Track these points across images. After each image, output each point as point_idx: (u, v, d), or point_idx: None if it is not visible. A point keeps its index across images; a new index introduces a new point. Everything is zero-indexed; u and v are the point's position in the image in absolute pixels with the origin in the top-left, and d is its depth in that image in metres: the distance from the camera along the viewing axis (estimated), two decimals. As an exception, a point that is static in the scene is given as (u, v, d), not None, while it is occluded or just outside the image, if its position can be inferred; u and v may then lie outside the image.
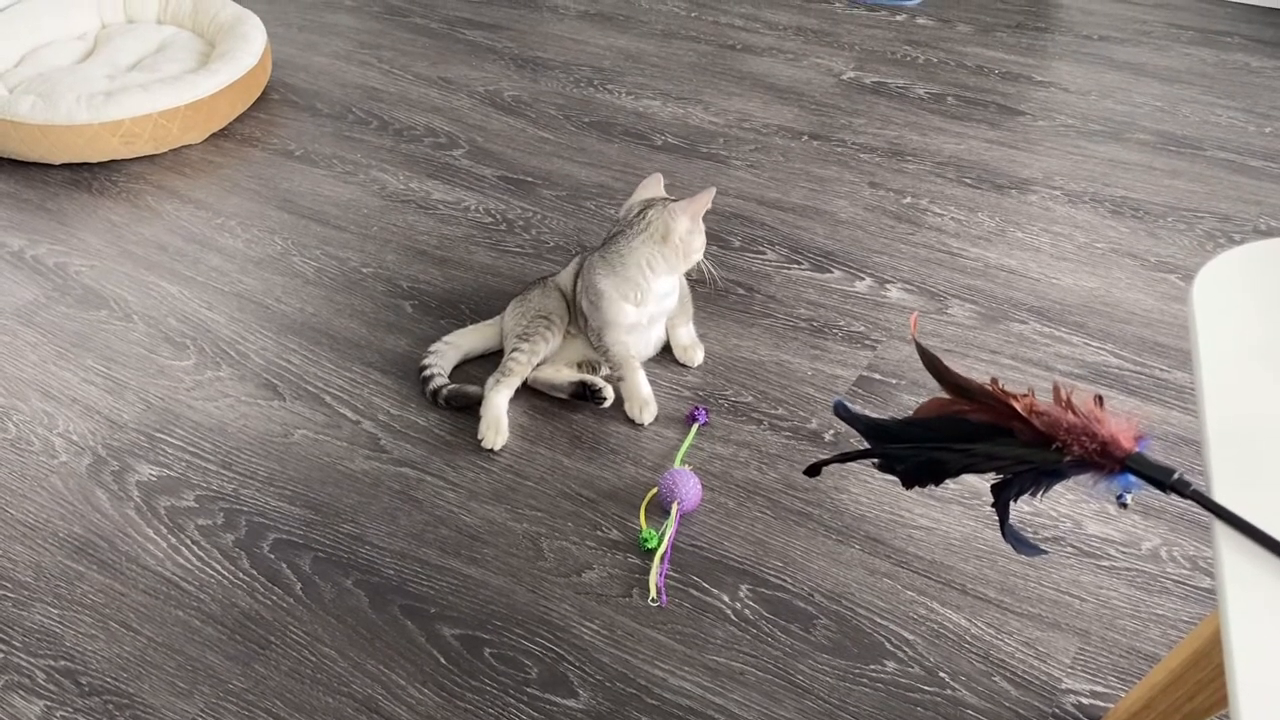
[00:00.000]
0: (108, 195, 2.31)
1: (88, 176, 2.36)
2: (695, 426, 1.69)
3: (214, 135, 2.49)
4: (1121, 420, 0.82)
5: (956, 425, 0.90)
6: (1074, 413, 0.82)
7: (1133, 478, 0.82)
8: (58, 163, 2.37)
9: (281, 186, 2.32)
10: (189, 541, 1.53)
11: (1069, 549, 1.49)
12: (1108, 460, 0.81)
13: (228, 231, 2.18)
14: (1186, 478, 0.77)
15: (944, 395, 0.93)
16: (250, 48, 2.56)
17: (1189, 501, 1.55)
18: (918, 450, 0.93)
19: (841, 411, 0.99)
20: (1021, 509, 1.54)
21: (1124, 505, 1.11)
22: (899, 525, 1.53)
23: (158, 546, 1.53)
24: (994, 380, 0.88)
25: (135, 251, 2.13)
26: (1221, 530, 0.70)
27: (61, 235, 2.18)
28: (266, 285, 2.03)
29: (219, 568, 1.49)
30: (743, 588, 1.45)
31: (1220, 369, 0.82)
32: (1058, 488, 1.57)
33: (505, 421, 1.68)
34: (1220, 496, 0.72)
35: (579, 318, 1.77)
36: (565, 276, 1.82)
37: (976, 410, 0.89)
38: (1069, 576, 1.45)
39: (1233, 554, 0.68)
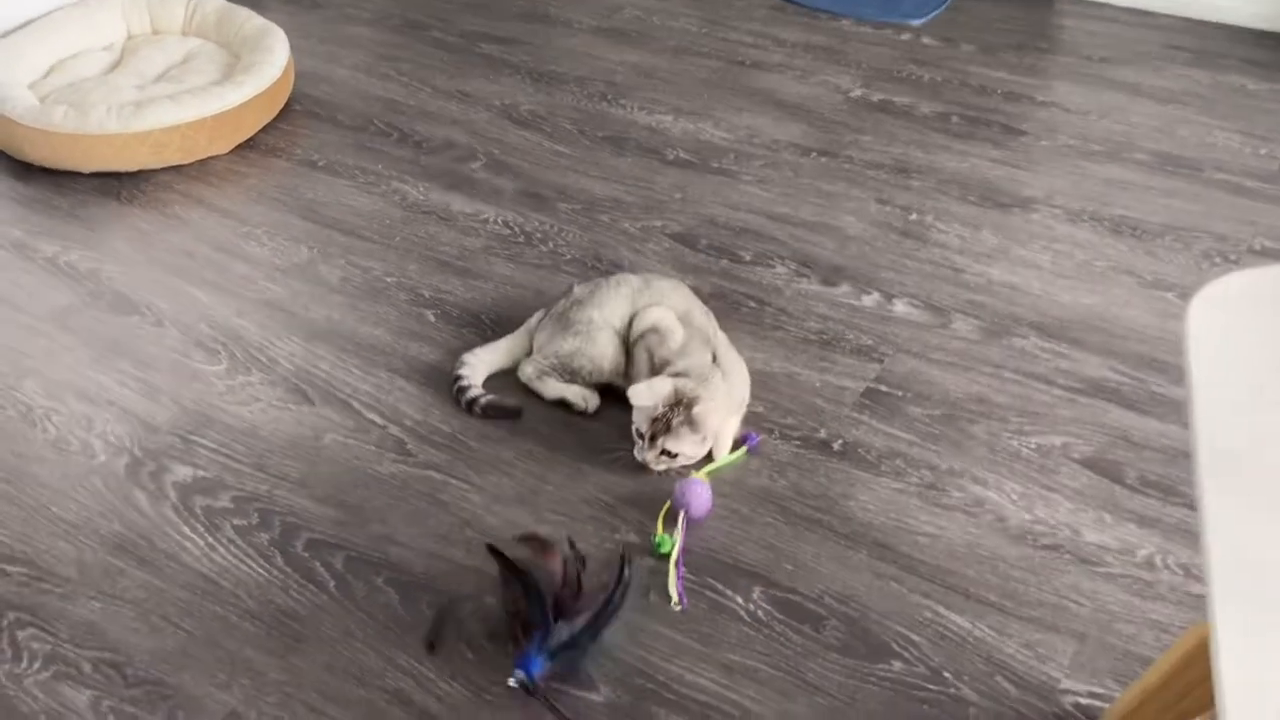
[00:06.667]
0: (136, 204, 2.37)
1: (116, 185, 2.43)
2: (744, 449, 1.74)
3: (239, 146, 2.56)
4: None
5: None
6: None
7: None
8: (88, 171, 2.43)
9: (306, 196, 2.39)
10: (225, 540, 1.60)
11: (1068, 555, 1.56)
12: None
13: (254, 240, 2.25)
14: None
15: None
16: (274, 60, 2.63)
17: (1183, 511, 1.62)
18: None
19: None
20: (1023, 517, 1.61)
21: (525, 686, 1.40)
22: (905, 532, 1.60)
23: (195, 545, 1.59)
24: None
25: (165, 259, 2.20)
26: (1213, 538, 0.76)
27: (93, 242, 2.25)
28: (293, 293, 2.10)
29: (255, 565, 1.56)
30: (756, 590, 1.52)
31: (1212, 389, 0.89)
32: (1058, 496, 1.64)
33: (580, 388, 1.80)
34: (1212, 512, 0.78)
35: (634, 360, 1.82)
36: (615, 318, 1.83)
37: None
38: (1068, 582, 1.52)
39: (1224, 564, 0.75)
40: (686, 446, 1.64)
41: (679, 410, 1.62)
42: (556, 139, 2.61)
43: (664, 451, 1.64)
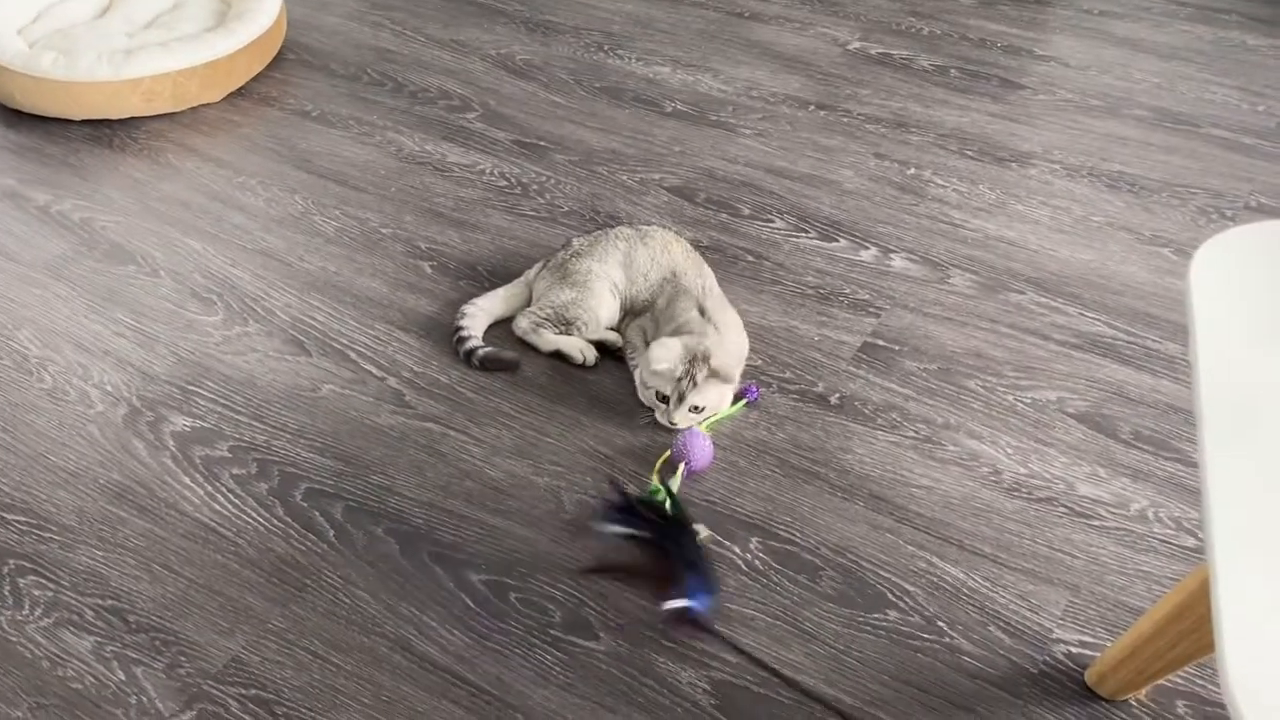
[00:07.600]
0: (129, 152, 2.35)
1: (108, 133, 2.40)
2: (743, 401, 1.74)
3: (231, 94, 2.53)
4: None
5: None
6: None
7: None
8: (78, 119, 2.41)
9: (299, 146, 2.37)
10: (224, 490, 1.60)
11: (1062, 509, 1.57)
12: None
13: (248, 190, 2.23)
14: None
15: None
16: (266, 7, 2.59)
17: (1175, 465, 1.64)
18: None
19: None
20: (1017, 470, 1.63)
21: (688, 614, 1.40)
22: (901, 484, 1.61)
23: (194, 494, 1.60)
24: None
25: (158, 208, 2.18)
26: (1213, 485, 0.78)
27: (85, 191, 2.23)
28: (288, 244, 2.08)
29: (254, 515, 1.57)
30: (753, 540, 1.53)
31: (1213, 342, 0.89)
32: (1053, 451, 1.66)
33: (579, 340, 1.80)
34: (1212, 463, 0.79)
35: (631, 314, 1.84)
36: (614, 270, 1.83)
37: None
38: (1061, 535, 1.54)
39: (1223, 510, 0.76)
40: (713, 397, 1.65)
41: (699, 364, 1.63)
42: (553, 89, 2.59)
43: (693, 408, 1.65)
